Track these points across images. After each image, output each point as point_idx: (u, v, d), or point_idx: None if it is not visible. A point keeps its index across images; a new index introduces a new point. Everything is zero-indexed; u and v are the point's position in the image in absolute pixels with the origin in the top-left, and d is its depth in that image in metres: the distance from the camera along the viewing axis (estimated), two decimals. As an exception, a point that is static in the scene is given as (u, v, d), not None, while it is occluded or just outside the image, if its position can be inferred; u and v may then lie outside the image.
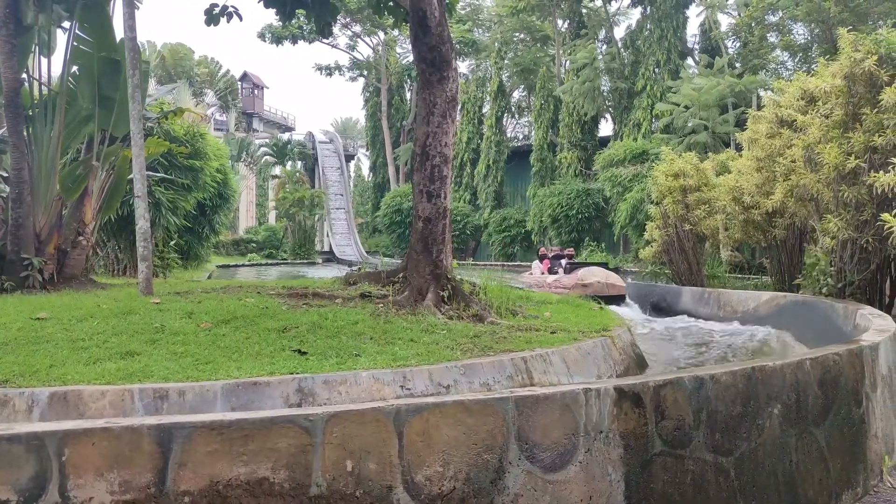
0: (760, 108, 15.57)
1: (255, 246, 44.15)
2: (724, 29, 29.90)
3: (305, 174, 52.53)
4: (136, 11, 7.77)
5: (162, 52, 52.95)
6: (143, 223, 7.38)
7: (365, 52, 50.39)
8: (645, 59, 30.19)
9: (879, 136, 8.23)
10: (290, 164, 51.39)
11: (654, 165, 19.03)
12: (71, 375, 3.79)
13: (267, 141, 52.71)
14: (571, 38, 34.90)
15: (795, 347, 7.76)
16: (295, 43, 43.14)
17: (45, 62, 9.50)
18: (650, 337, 9.30)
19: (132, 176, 7.78)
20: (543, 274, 14.92)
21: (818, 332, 7.55)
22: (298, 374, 3.85)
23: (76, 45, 9.25)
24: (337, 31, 46.07)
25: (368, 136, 53.45)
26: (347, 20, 45.40)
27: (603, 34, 35.52)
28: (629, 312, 11.82)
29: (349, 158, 60.46)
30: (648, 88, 29.44)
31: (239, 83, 58.04)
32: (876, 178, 7.64)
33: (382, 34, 47.34)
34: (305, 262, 41.01)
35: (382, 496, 2.58)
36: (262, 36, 43.47)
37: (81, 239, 9.14)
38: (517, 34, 40.72)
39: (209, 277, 19.73)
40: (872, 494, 3.95)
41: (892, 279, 9.16)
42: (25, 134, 8.74)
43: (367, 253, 44.40)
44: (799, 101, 10.25)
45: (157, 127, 13.99)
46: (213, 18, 8.48)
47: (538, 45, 40.96)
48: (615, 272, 14.35)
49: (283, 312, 5.73)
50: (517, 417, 2.83)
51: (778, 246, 11.95)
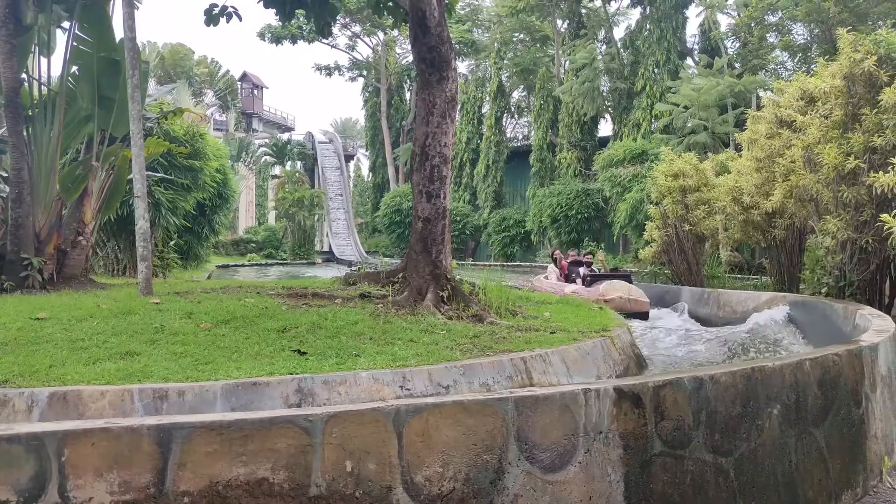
0: (760, 108, 15.56)
1: (254, 246, 44.16)
2: (723, 29, 29.89)
3: (305, 174, 52.51)
4: (135, 11, 7.77)
5: (162, 52, 53.01)
6: (142, 223, 7.38)
7: (364, 52, 50.47)
8: (644, 59, 30.19)
9: (879, 136, 8.23)
10: (289, 164, 51.37)
11: (653, 166, 19.07)
12: (71, 375, 3.79)
13: (266, 141, 52.69)
14: (571, 38, 34.89)
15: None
16: (294, 43, 43.13)
17: (44, 62, 9.51)
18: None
19: (132, 176, 7.78)
20: (560, 280, 13.53)
21: (818, 332, 7.56)
22: (298, 374, 3.85)
23: (76, 45, 9.25)
24: (336, 31, 46.09)
25: (368, 136, 53.42)
26: (347, 20, 45.38)
27: (602, 34, 35.52)
28: (669, 320, 10.86)
29: (349, 158, 60.43)
30: (648, 89, 29.45)
31: (238, 83, 58.07)
32: (875, 178, 7.64)
33: (382, 34, 47.32)
34: (305, 262, 41.02)
35: (382, 497, 2.58)
36: (261, 36, 43.47)
37: (81, 239, 9.13)
38: (517, 34, 40.70)
39: (209, 277, 19.73)
40: (872, 495, 3.96)
41: (891, 279, 9.17)
42: (25, 134, 8.74)
43: (366, 253, 44.38)
44: (798, 101, 10.25)
45: (156, 127, 13.98)
46: (212, 19, 8.47)
47: (538, 45, 40.93)
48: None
49: (282, 313, 5.72)
50: (517, 418, 2.83)
51: (777, 246, 11.95)
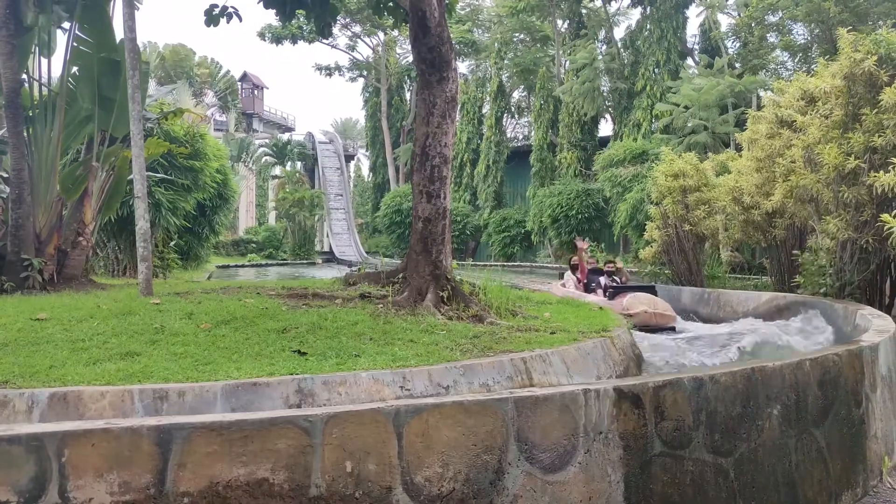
0: (760, 108, 15.55)
1: (254, 246, 44.19)
2: (723, 29, 29.87)
3: (305, 174, 52.56)
4: (136, 12, 7.77)
5: (162, 52, 53.07)
6: (142, 224, 7.38)
7: (365, 52, 50.46)
8: (645, 59, 30.17)
9: (879, 136, 8.23)
10: (289, 164, 51.40)
11: (653, 166, 19.04)
12: (71, 376, 3.79)
13: (267, 141, 52.70)
14: (571, 38, 34.87)
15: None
16: (295, 43, 43.12)
17: (45, 63, 9.53)
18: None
19: (132, 176, 7.78)
20: (578, 289, 12.48)
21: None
22: (298, 374, 3.85)
23: (76, 45, 9.25)
24: (337, 31, 46.08)
25: (368, 136, 53.41)
26: (347, 20, 45.36)
27: (603, 34, 35.50)
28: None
29: (349, 159, 60.45)
30: (648, 89, 29.44)
31: (239, 83, 58.10)
32: (876, 177, 7.64)
33: (382, 35, 47.32)
34: (305, 262, 41.05)
35: (382, 497, 2.59)
36: (261, 36, 43.45)
37: (81, 239, 9.14)
38: (517, 34, 40.67)
39: (209, 278, 19.74)
40: (872, 495, 3.96)
41: (891, 279, 9.16)
42: (25, 135, 8.75)
43: (366, 253, 44.38)
44: (799, 101, 10.25)
45: (157, 127, 13.99)
46: (212, 19, 8.47)
47: (538, 45, 40.92)
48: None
49: (282, 313, 5.72)
50: (516, 418, 2.83)
51: (778, 246, 11.94)
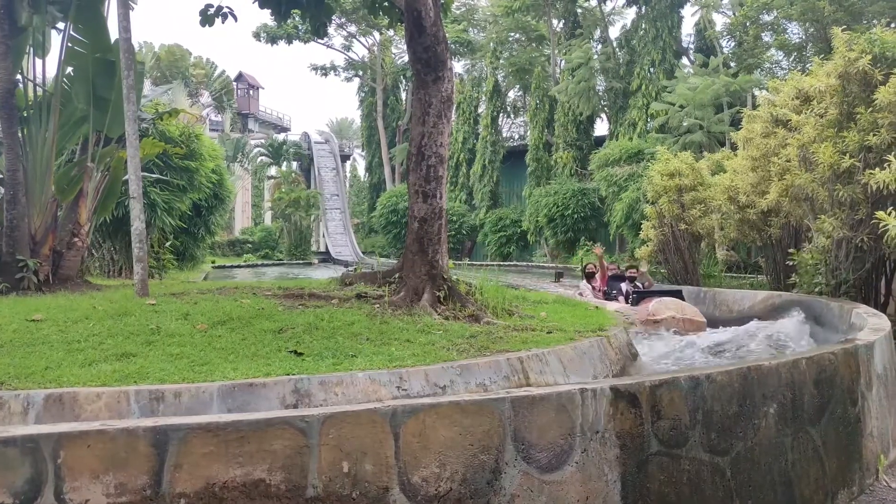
0: (755, 107, 15.60)
1: (250, 247, 44.15)
2: (718, 28, 29.93)
3: (301, 174, 52.48)
4: (130, 12, 7.75)
5: (158, 52, 52.92)
6: (138, 224, 7.36)
7: (360, 52, 50.39)
8: (640, 58, 30.20)
9: (874, 135, 8.25)
10: (285, 164, 51.29)
11: (649, 165, 19.06)
12: (66, 377, 3.77)
13: (262, 141, 52.62)
14: (566, 37, 34.90)
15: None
16: (290, 43, 42.99)
17: (39, 63, 9.49)
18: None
19: (127, 177, 7.76)
20: (597, 298, 11.61)
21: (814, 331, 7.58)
22: (295, 375, 3.84)
23: (71, 45, 9.22)
24: (332, 31, 45.94)
25: (364, 136, 53.33)
26: (342, 20, 45.31)
27: (598, 34, 35.55)
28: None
29: (345, 159, 60.37)
30: (644, 88, 29.47)
31: (234, 83, 58.01)
32: (872, 175, 7.65)
33: (377, 34, 47.26)
34: (301, 262, 40.97)
35: (379, 497, 2.58)
36: (257, 36, 43.34)
37: (77, 240, 9.11)
38: (512, 34, 40.67)
39: (205, 278, 19.72)
40: (868, 493, 3.97)
41: (887, 278, 9.19)
42: (20, 135, 8.72)
43: (363, 253, 44.32)
44: (794, 100, 10.26)
45: (152, 128, 13.96)
46: (207, 19, 8.46)
47: (533, 44, 40.93)
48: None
49: (279, 313, 5.71)
50: (513, 418, 2.83)
51: (773, 245, 11.97)
